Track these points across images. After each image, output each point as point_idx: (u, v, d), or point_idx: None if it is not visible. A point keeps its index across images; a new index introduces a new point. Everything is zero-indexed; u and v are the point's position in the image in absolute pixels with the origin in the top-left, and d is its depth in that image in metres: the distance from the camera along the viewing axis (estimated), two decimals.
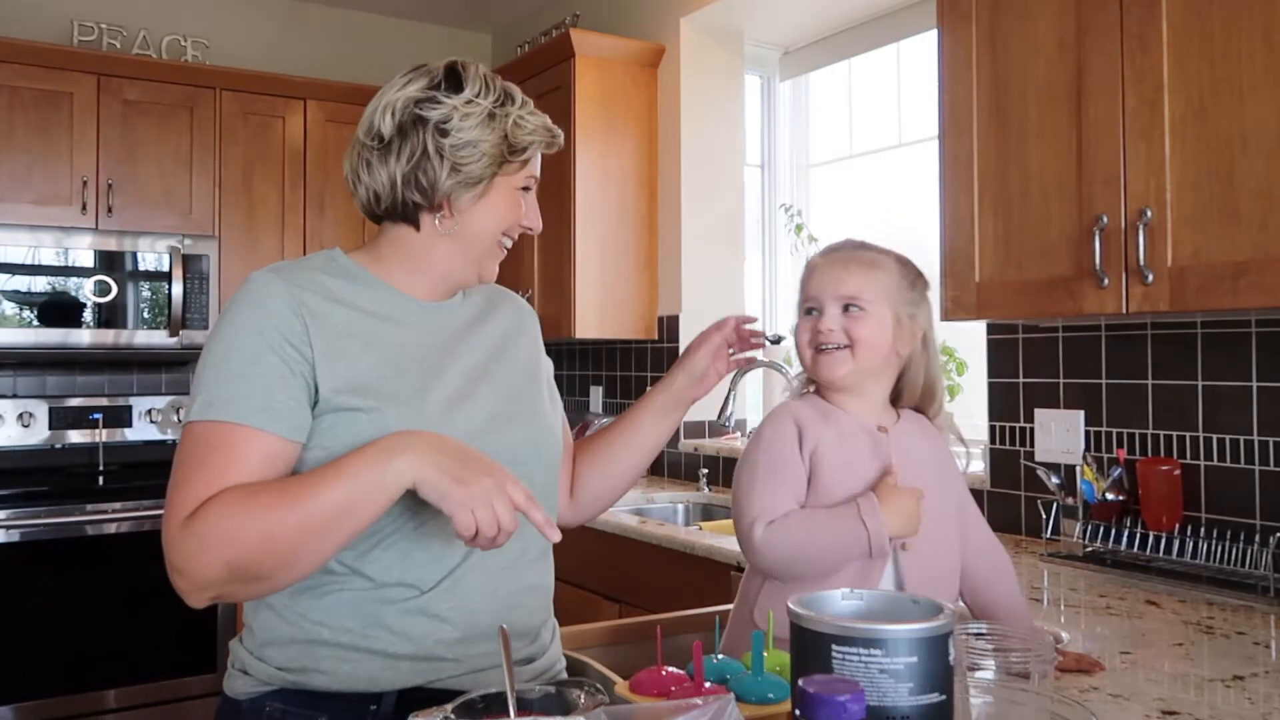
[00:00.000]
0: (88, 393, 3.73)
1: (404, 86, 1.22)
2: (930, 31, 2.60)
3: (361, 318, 1.20)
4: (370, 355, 1.18)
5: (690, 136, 3.35)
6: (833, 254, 1.36)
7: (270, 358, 1.12)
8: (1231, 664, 1.37)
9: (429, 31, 4.46)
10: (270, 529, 1.04)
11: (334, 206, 3.85)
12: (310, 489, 1.06)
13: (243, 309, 1.15)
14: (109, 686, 3.11)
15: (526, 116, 1.24)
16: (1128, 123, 1.72)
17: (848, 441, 1.31)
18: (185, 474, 1.09)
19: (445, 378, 1.22)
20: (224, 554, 1.04)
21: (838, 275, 1.32)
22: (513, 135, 1.22)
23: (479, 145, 1.20)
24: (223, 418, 1.10)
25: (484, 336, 1.31)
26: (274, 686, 1.16)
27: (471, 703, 0.87)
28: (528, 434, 1.27)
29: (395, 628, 1.14)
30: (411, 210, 1.23)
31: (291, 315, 1.14)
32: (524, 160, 1.24)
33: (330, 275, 1.22)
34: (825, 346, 1.31)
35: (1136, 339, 2.09)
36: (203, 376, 1.13)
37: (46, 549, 3.05)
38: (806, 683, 0.69)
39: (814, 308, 1.33)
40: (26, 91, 3.35)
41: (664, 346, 3.42)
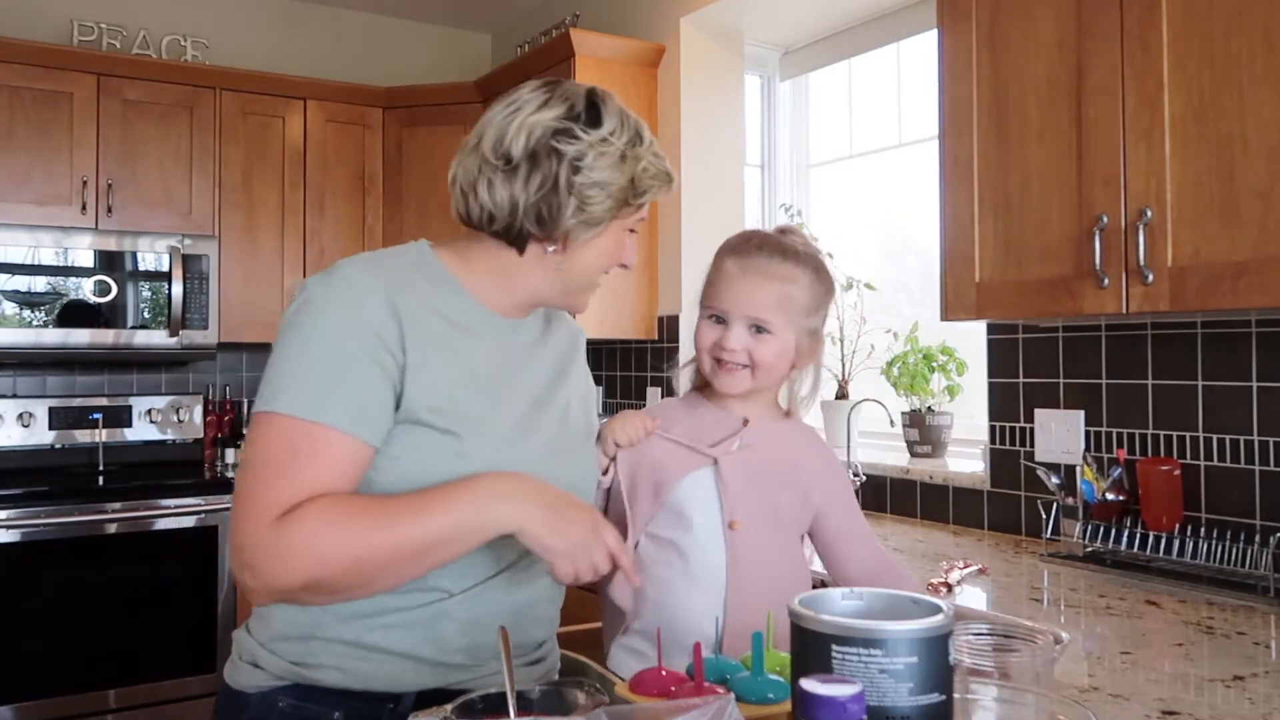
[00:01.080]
0: (88, 393, 3.73)
1: (540, 109, 1.16)
2: (930, 31, 2.61)
3: (447, 328, 1.16)
4: (452, 368, 1.15)
5: (690, 136, 3.35)
6: (748, 259, 1.32)
7: (365, 360, 1.09)
8: (1231, 664, 1.37)
9: (429, 31, 4.46)
10: (361, 552, 1.04)
11: (334, 206, 3.85)
12: (410, 518, 1.05)
13: (339, 306, 1.10)
14: (109, 686, 3.11)
15: (652, 160, 1.21)
16: (1128, 123, 1.72)
17: (707, 434, 1.33)
18: (272, 470, 1.06)
19: (513, 401, 1.20)
20: (310, 569, 1.03)
21: (751, 293, 1.30)
22: (639, 179, 1.19)
23: (607, 187, 1.16)
24: (313, 417, 1.07)
25: (546, 359, 1.28)
26: (287, 681, 1.14)
27: (471, 703, 0.87)
28: (583, 464, 1.28)
29: (420, 630, 1.13)
30: (523, 237, 1.18)
31: (390, 320, 1.11)
32: (641, 204, 1.21)
33: (424, 278, 1.18)
34: (728, 363, 1.30)
35: (1136, 339, 2.09)
36: (289, 368, 1.09)
37: (46, 549, 3.05)
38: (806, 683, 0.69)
39: (721, 319, 1.32)
40: (26, 91, 3.35)
41: (664, 346, 3.42)
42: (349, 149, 3.88)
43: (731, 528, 1.28)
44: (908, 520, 2.59)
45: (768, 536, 1.31)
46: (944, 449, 2.75)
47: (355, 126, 3.89)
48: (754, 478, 1.31)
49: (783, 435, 1.36)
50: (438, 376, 1.13)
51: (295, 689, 1.14)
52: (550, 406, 1.25)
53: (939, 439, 2.74)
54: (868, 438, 3.11)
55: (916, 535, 2.40)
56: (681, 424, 1.35)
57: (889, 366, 2.86)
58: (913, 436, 2.76)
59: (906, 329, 2.91)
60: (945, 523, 2.50)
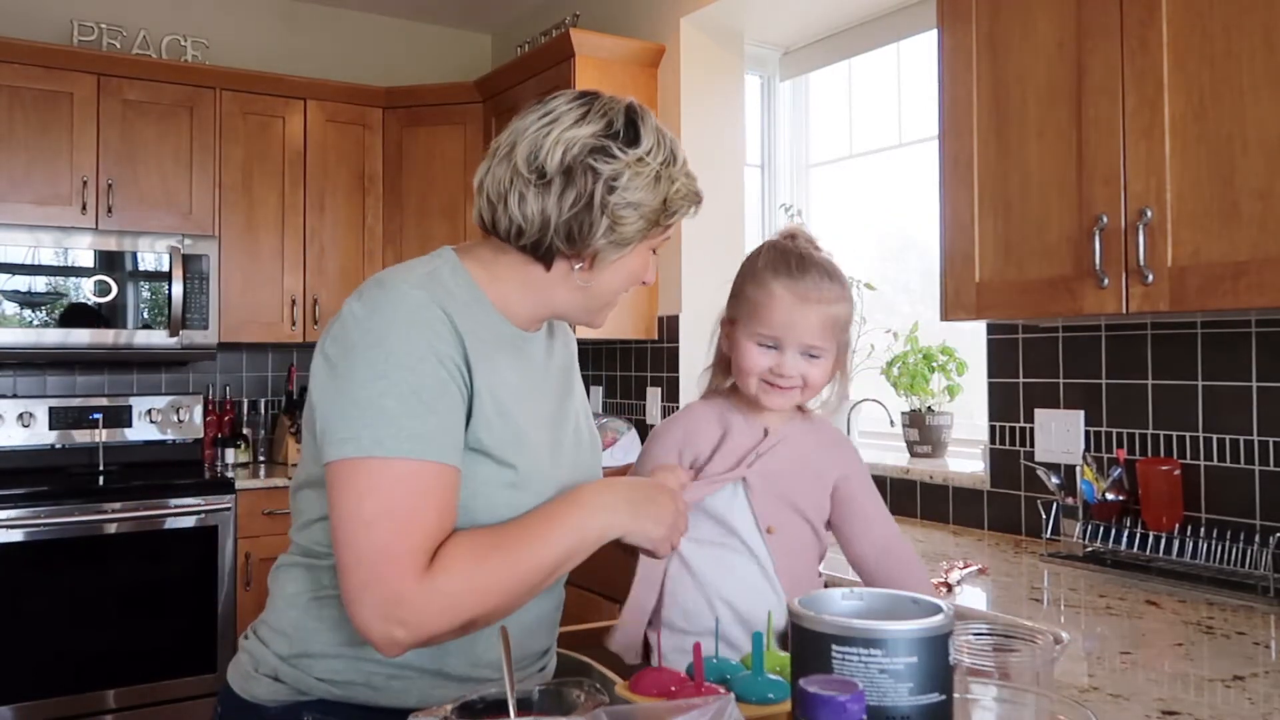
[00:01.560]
0: (88, 393, 3.73)
1: (578, 124, 1.13)
2: (930, 31, 2.61)
3: (483, 346, 1.13)
4: (503, 392, 1.14)
5: (690, 136, 3.35)
6: (798, 284, 1.31)
7: (452, 388, 1.07)
8: (1231, 664, 1.37)
9: (429, 31, 4.46)
10: (513, 585, 1.05)
11: (334, 207, 3.85)
12: (540, 541, 1.07)
13: (409, 329, 1.06)
14: (109, 686, 3.11)
15: (684, 180, 1.18)
16: (1128, 123, 1.72)
17: (732, 445, 1.36)
18: (401, 519, 1.01)
19: (541, 422, 1.19)
20: (471, 610, 1.02)
21: (806, 322, 1.30)
22: (671, 200, 1.17)
23: (640, 208, 1.14)
24: (422, 455, 1.03)
25: (553, 372, 1.28)
26: (312, 696, 1.12)
27: (471, 703, 0.87)
28: (594, 475, 1.28)
29: (453, 647, 1.12)
30: (551, 253, 1.15)
31: (457, 340, 1.09)
32: (670, 224, 1.20)
33: (461, 300, 1.14)
34: (781, 386, 1.33)
35: (1136, 339, 2.09)
36: (374, 404, 1.03)
37: (46, 549, 3.05)
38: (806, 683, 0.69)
39: (773, 346, 1.32)
40: (26, 91, 3.35)
41: (664, 346, 3.42)
42: (349, 149, 3.88)
43: (769, 532, 1.33)
44: (908, 520, 2.59)
45: (804, 536, 1.37)
46: (944, 449, 2.75)
47: (355, 126, 3.89)
48: (779, 483, 1.35)
49: (801, 434, 1.40)
50: (491, 401, 1.11)
51: (321, 704, 1.12)
52: (565, 422, 1.25)
53: (939, 439, 2.74)
54: (868, 438, 3.11)
55: (916, 535, 2.40)
56: (712, 435, 1.38)
57: (889, 366, 2.86)
58: (913, 436, 2.76)
59: (906, 329, 2.91)
60: (945, 523, 2.50)
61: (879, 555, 1.38)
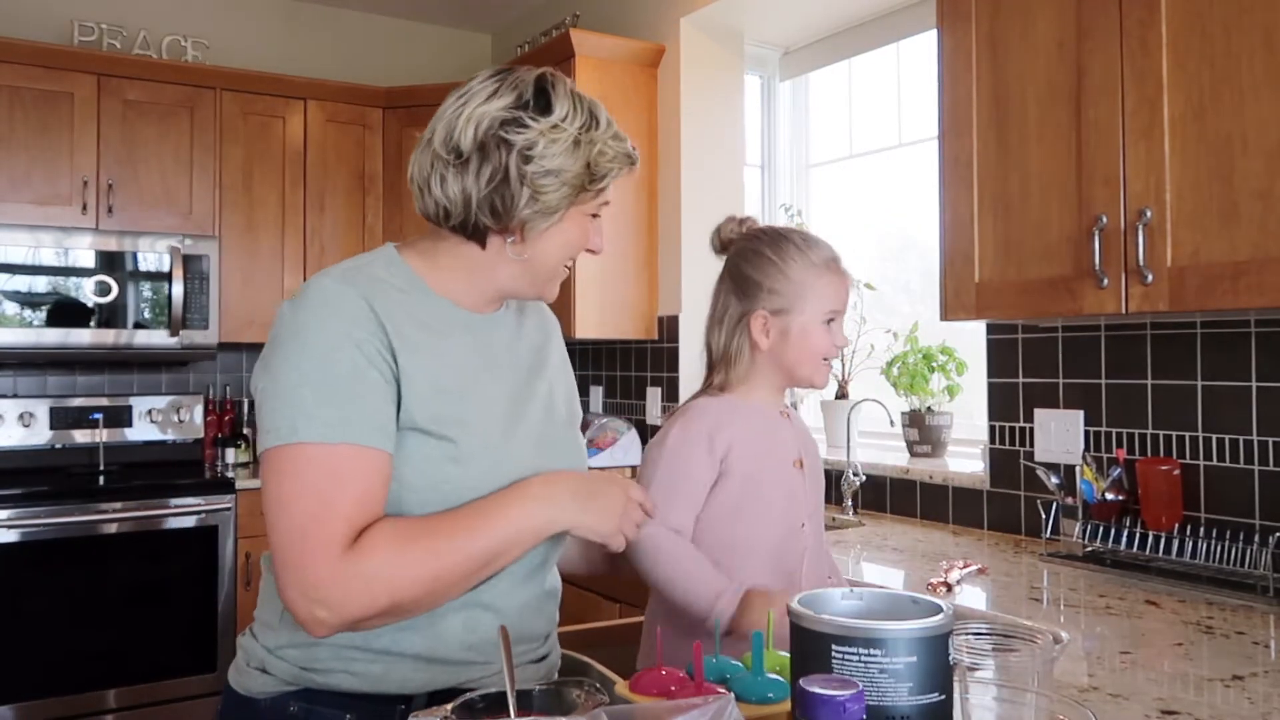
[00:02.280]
0: (88, 393, 3.73)
1: (489, 99, 1.15)
2: (930, 31, 2.61)
3: (423, 333, 1.15)
4: (436, 373, 1.14)
5: (690, 136, 3.35)
6: (831, 256, 1.42)
7: (372, 373, 1.08)
8: (1231, 664, 1.37)
9: (429, 32, 4.46)
10: (439, 570, 1.06)
11: (334, 207, 3.85)
12: (471, 533, 1.08)
13: (325, 320, 1.08)
14: (109, 686, 3.11)
15: (610, 143, 1.17)
16: (1127, 123, 1.72)
17: (758, 431, 1.40)
18: (319, 503, 1.04)
19: (496, 399, 1.19)
20: (391, 594, 1.04)
21: (849, 288, 1.42)
22: (595, 164, 1.16)
23: (561, 174, 1.14)
24: (340, 439, 1.05)
25: (521, 352, 1.27)
26: (297, 686, 1.14)
27: (471, 703, 0.87)
28: (569, 454, 1.26)
29: (424, 630, 1.13)
30: (481, 231, 1.17)
31: (377, 327, 1.10)
32: (600, 189, 1.19)
33: (396, 285, 1.17)
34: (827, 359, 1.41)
35: (1136, 339, 2.09)
36: (294, 396, 1.06)
37: (47, 549, 3.05)
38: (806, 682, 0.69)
39: (831, 320, 1.40)
40: (27, 91, 3.35)
41: (664, 346, 3.42)
42: (349, 149, 3.89)
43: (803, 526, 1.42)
44: (908, 520, 2.59)
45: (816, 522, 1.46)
46: (944, 449, 2.75)
47: (355, 126, 3.90)
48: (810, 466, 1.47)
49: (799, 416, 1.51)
50: (426, 382, 1.12)
51: (305, 694, 1.14)
52: (532, 400, 1.24)
53: (939, 439, 2.74)
54: (868, 438, 3.11)
55: (916, 535, 2.40)
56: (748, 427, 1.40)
57: (889, 366, 2.86)
58: (913, 436, 2.76)
59: (906, 329, 2.91)
60: (945, 522, 2.50)
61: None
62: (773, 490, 1.39)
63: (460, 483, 1.12)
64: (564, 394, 1.33)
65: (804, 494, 1.43)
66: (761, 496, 1.38)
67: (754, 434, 1.39)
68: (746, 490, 1.37)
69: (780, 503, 1.40)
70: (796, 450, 1.44)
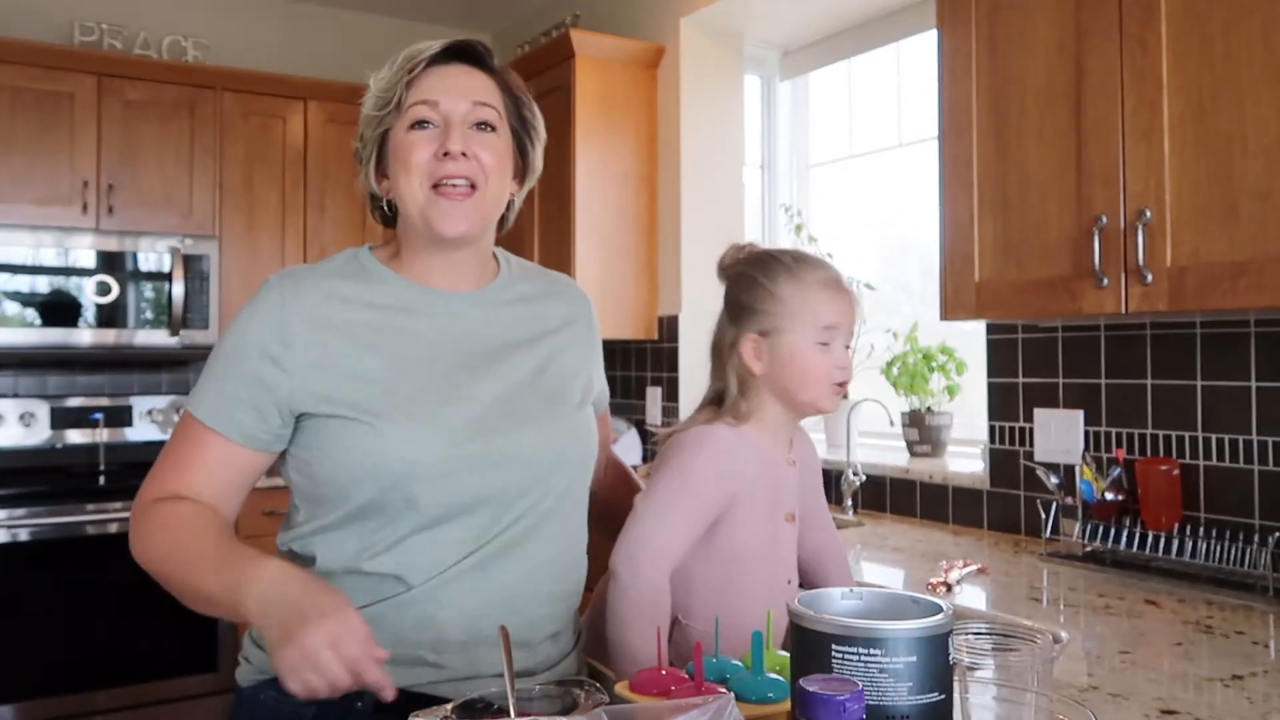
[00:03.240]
0: (88, 393, 3.73)
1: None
2: (930, 31, 2.61)
3: (368, 314, 1.19)
4: (371, 355, 1.17)
5: (690, 136, 3.35)
6: (827, 273, 1.32)
7: (246, 365, 1.15)
8: (1231, 663, 1.37)
9: (429, 32, 4.45)
10: (162, 570, 1.13)
11: (334, 206, 3.85)
12: (196, 567, 1.10)
13: (243, 312, 1.19)
14: (109, 686, 3.11)
15: (386, 74, 1.22)
16: (1127, 123, 1.72)
17: (764, 479, 1.32)
18: (164, 456, 1.20)
19: (456, 374, 1.19)
20: (145, 560, 1.15)
21: (848, 306, 1.32)
22: (375, 94, 1.22)
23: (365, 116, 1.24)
24: (195, 414, 1.17)
25: (515, 324, 1.26)
26: (269, 675, 1.15)
27: (471, 702, 0.88)
28: (544, 436, 1.21)
29: (384, 625, 1.12)
30: (377, 202, 1.28)
31: (278, 324, 1.15)
32: (397, 103, 1.20)
33: (343, 277, 1.22)
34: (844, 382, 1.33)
35: (1136, 339, 2.09)
36: (205, 368, 1.20)
37: (47, 549, 3.06)
38: (806, 682, 0.70)
39: (826, 342, 1.30)
40: (27, 92, 3.35)
41: (664, 346, 3.42)
42: (349, 149, 3.86)
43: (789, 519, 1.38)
44: (907, 520, 2.59)
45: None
46: (944, 449, 2.76)
47: (355, 126, 3.88)
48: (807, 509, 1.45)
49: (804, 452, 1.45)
50: (351, 365, 1.15)
51: (275, 683, 1.13)
52: (510, 372, 1.22)
53: (939, 439, 2.75)
54: (867, 438, 3.11)
55: (916, 535, 2.40)
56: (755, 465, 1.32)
57: (889, 366, 2.86)
58: (912, 436, 2.76)
59: (906, 329, 2.91)
60: (945, 522, 2.51)
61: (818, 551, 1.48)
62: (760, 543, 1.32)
63: (383, 454, 1.12)
64: (566, 371, 1.29)
65: (790, 548, 1.38)
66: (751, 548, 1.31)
67: (758, 480, 1.32)
68: (737, 538, 1.30)
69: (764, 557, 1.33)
70: (792, 504, 1.37)
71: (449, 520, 1.15)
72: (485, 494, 1.16)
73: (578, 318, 1.36)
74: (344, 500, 1.15)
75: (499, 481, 1.17)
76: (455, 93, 1.20)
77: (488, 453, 1.16)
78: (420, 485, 1.13)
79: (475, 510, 1.16)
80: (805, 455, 1.45)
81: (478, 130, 1.21)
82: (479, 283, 1.27)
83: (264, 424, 1.16)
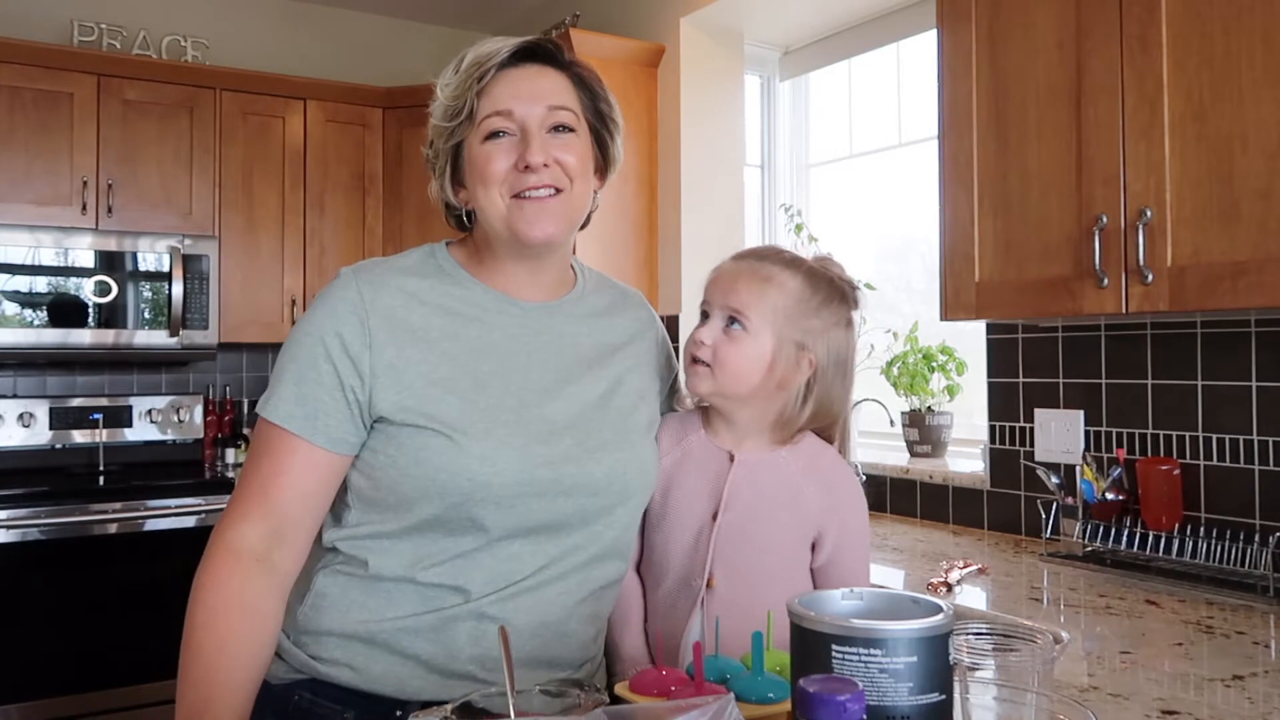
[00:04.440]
0: (88, 393, 3.73)
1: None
2: (930, 31, 2.61)
3: (445, 319, 1.15)
4: (448, 363, 1.13)
5: (690, 136, 3.35)
6: (737, 259, 1.26)
7: (325, 365, 1.10)
8: (1231, 664, 1.37)
9: (429, 31, 4.46)
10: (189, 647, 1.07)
11: (334, 206, 3.85)
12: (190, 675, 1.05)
13: (316, 309, 1.14)
14: (109, 686, 3.11)
15: (452, 80, 1.16)
16: (1127, 123, 1.72)
17: (685, 467, 1.24)
18: (245, 474, 1.14)
19: (529, 393, 1.15)
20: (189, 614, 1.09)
21: (729, 284, 1.22)
22: (446, 101, 1.17)
23: (437, 126, 1.19)
24: (274, 419, 1.11)
25: (587, 340, 1.23)
26: (305, 675, 1.14)
27: (471, 703, 0.87)
28: (615, 465, 1.17)
29: (429, 634, 1.12)
30: (454, 211, 1.24)
31: (357, 323, 1.11)
32: (470, 114, 1.15)
33: (420, 275, 1.18)
34: (696, 358, 1.22)
35: (1136, 339, 2.09)
36: (276, 373, 1.15)
37: (47, 549, 3.05)
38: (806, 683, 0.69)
39: (705, 313, 1.25)
40: (26, 91, 3.35)
41: None
42: (349, 149, 3.88)
43: (709, 585, 1.20)
44: (908, 520, 2.59)
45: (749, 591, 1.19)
46: (944, 449, 2.75)
47: (355, 126, 3.89)
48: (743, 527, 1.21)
49: (772, 468, 1.23)
50: (427, 372, 1.12)
51: (312, 684, 1.14)
52: (581, 394, 1.18)
53: (939, 439, 2.74)
54: (868, 437, 3.11)
55: (916, 535, 2.40)
56: (667, 456, 1.25)
57: (889, 366, 2.86)
58: (913, 436, 2.76)
59: (906, 329, 2.91)
60: (945, 522, 2.50)
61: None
62: (672, 534, 1.24)
63: (456, 472, 1.09)
64: (634, 392, 1.25)
65: (709, 549, 1.20)
66: (660, 538, 1.24)
67: (672, 462, 1.25)
68: (653, 526, 1.25)
69: (676, 551, 1.23)
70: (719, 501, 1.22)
71: (510, 541, 1.13)
72: (550, 521, 1.14)
73: (644, 333, 1.32)
74: (407, 512, 1.12)
75: (566, 509, 1.15)
76: (529, 98, 1.15)
77: (558, 479, 1.13)
78: (488, 507, 1.10)
79: (537, 535, 1.14)
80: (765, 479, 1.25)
81: (556, 134, 1.16)
82: (556, 293, 1.24)
83: (350, 425, 1.11)
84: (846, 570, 1.24)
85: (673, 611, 1.22)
